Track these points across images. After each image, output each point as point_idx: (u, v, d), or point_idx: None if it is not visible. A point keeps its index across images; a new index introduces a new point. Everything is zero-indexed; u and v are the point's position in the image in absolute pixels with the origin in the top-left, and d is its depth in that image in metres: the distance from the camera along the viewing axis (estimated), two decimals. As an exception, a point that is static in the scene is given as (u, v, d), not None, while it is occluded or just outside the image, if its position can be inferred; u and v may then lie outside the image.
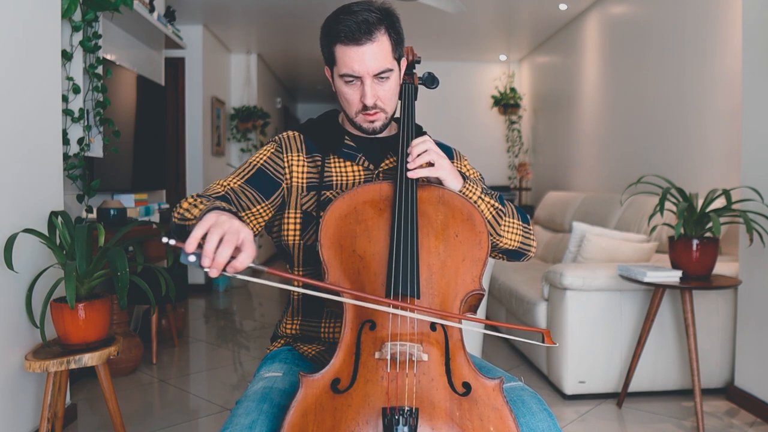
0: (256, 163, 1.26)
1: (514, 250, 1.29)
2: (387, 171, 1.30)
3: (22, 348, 2.16)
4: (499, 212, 1.24)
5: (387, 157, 1.31)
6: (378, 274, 1.08)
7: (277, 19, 5.58)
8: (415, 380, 0.98)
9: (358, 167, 1.29)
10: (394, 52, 1.21)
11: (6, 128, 2.07)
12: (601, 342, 2.74)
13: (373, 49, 1.17)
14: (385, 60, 1.19)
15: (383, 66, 1.18)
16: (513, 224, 1.27)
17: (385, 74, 1.20)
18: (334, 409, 0.96)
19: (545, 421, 1.08)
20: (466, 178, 1.22)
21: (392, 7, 1.23)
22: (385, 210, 1.13)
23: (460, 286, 1.09)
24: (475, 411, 0.98)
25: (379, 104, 1.22)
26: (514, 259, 1.33)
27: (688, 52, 3.62)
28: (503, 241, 1.26)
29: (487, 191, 1.24)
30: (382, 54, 1.18)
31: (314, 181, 1.28)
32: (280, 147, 1.29)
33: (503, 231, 1.25)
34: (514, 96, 7.10)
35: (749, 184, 2.57)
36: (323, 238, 1.10)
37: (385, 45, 1.19)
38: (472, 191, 1.21)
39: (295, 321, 1.32)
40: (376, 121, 1.24)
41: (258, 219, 1.24)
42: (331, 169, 1.28)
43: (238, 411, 1.06)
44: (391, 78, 1.22)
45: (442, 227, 1.12)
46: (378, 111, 1.23)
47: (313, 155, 1.30)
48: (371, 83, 1.19)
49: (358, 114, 1.24)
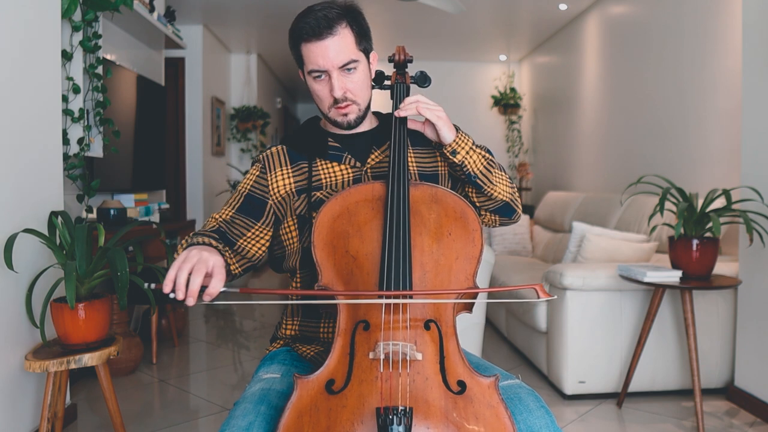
0: (243, 191, 1.31)
1: (507, 203, 1.30)
2: (376, 168, 1.30)
3: (22, 348, 2.16)
4: (490, 162, 1.27)
5: (372, 151, 1.32)
6: (371, 274, 1.08)
7: (277, 19, 5.58)
8: (409, 379, 0.98)
9: (346, 166, 1.30)
10: (359, 44, 1.24)
11: (6, 128, 2.07)
12: (601, 342, 2.74)
13: (336, 41, 1.20)
14: (348, 52, 1.21)
15: (347, 57, 1.21)
16: (502, 176, 1.29)
17: (350, 65, 1.22)
18: (329, 410, 0.96)
19: (543, 419, 1.08)
20: (458, 129, 1.24)
21: (355, 4, 1.26)
22: (378, 210, 1.13)
23: (454, 284, 1.09)
24: (470, 409, 0.98)
25: (349, 96, 1.24)
26: (506, 217, 1.34)
27: (688, 52, 3.62)
28: (497, 190, 1.27)
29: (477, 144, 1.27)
30: (345, 46, 1.21)
31: (303, 185, 1.29)
32: (264, 168, 1.32)
33: (496, 180, 1.27)
34: (514, 96, 7.10)
35: (749, 184, 2.57)
36: (316, 240, 1.11)
37: (348, 38, 1.21)
38: (464, 140, 1.23)
39: (294, 321, 1.33)
40: (349, 113, 1.26)
41: (259, 242, 1.29)
42: (320, 171, 1.29)
43: (236, 412, 1.06)
44: (359, 69, 1.24)
45: (435, 226, 1.12)
46: (349, 103, 1.25)
47: (298, 164, 1.31)
48: (338, 76, 1.22)
49: (330, 109, 1.26)
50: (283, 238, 1.32)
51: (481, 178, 1.25)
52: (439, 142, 1.24)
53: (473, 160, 1.23)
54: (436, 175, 1.33)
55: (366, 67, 1.27)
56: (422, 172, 1.32)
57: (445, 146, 1.22)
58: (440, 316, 1.06)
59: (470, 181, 1.25)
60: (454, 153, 1.22)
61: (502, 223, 1.35)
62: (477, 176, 1.24)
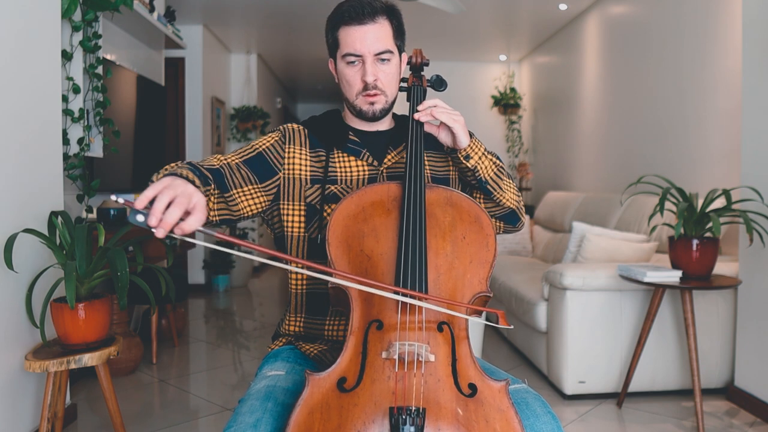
0: (257, 147, 1.27)
1: (513, 211, 1.32)
2: (392, 169, 1.31)
3: (22, 348, 2.16)
4: (500, 169, 1.28)
5: (389, 151, 1.32)
6: (386, 274, 1.08)
7: (277, 19, 5.58)
8: (422, 380, 0.99)
9: (362, 162, 1.30)
10: (396, 38, 1.26)
11: (6, 128, 2.07)
12: (601, 342, 2.74)
13: (375, 29, 1.22)
14: (386, 41, 1.23)
15: (384, 46, 1.22)
16: (510, 184, 1.31)
17: (385, 55, 1.23)
18: (340, 408, 0.96)
19: (549, 424, 1.09)
20: (472, 135, 1.25)
21: (397, 6, 1.28)
22: (393, 210, 1.13)
23: (467, 287, 1.10)
24: (480, 412, 0.99)
25: (379, 85, 1.25)
26: (510, 224, 1.35)
27: (688, 52, 3.62)
28: (506, 197, 1.29)
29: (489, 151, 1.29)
30: (384, 35, 1.23)
31: (318, 175, 1.28)
32: (283, 137, 1.30)
33: (505, 187, 1.29)
34: (514, 96, 7.10)
35: (749, 184, 2.57)
36: (331, 237, 1.10)
37: (387, 29, 1.24)
38: (478, 147, 1.24)
39: (298, 318, 1.32)
40: (377, 103, 1.26)
41: (249, 201, 1.22)
42: (336, 164, 1.29)
43: (242, 409, 1.06)
44: (392, 61, 1.25)
45: (450, 229, 1.13)
46: (378, 92, 1.25)
47: (317, 150, 1.30)
48: (372, 62, 1.23)
49: (358, 96, 1.26)
50: (285, 219, 1.28)
51: (491, 184, 1.26)
52: (453, 147, 1.24)
53: (485, 166, 1.24)
54: (447, 179, 1.33)
55: (398, 62, 1.28)
56: (435, 175, 1.32)
57: (460, 151, 1.22)
58: (453, 319, 1.07)
59: (481, 186, 1.26)
60: (468, 158, 1.22)
61: (506, 230, 1.36)
62: (488, 182, 1.25)
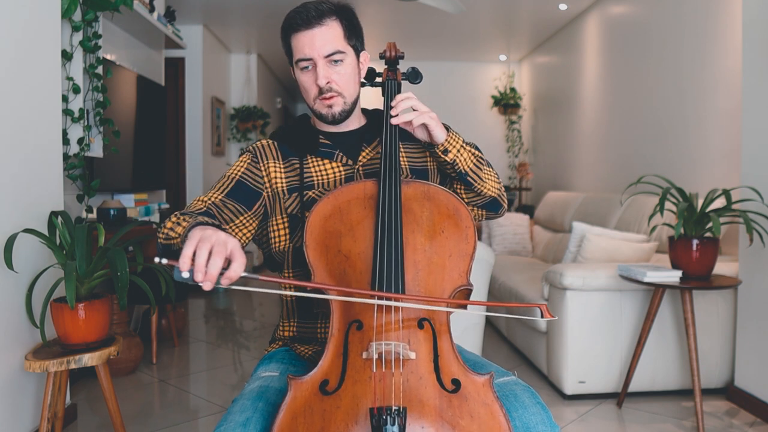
0: (234, 176, 1.27)
1: (494, 199, 1.32)
2: (367, 165, 1.30)
3: (22, 348, 2.16)
4: (479, 159, 1.28)
5: (362, 148, 1.32)
6: (363, 273, 1.07)
7: (277, 19, 5.56)
8: (402, 379, 0.98)
9: (337, 164, 1.30)
10: (348, 38, 1.25)
11: (6, 128, 2.07)
12: (601, 342, 2.74)
13: (323, 31, 1.22)
14: (336, 42, 1.23)
15: (334, 47, 1.22)
16: (491, 173, 1.31)
17: (337, 56, 1.23)
18: (323, 411, 0.96)
19: (538, 415, 1.08)
20: (449, 128, 1.25)
21: (348, 4, 1.28)
22: (370, 208, 1.12)
23: (447, 282, 1.09)
24: (465, 408, 0.98)
25: (334, 87, 1.24)
26: (492, 212, 1.36)
27: (688, 52, 3.62)
28: (486, 186, 1.29)
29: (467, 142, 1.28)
30: (333, 36, 1.22)
31: (295, 183, 1.28)
32: (255, 157, 1.30)
33: (485, 177, 1.29)
34: (514, 96, 7.10)
35: (749, 184, 2.57)
36: (308, 240, 1.10)
37: (336, 30, 1.23)
38: (455, 140, 1.24)
39: (291, 323, 1.33)
40: (334, 105, 1.26)
41: (243, 230, 1.25)
42: (310, 169, 1.29)
43: (234, 408, 1.07)
44: (345, 62, 1.24)
45: (428, 224, 1.12)
46: (334, 95, 1.25)
47: (289, 159, 1.30)
48: (324, 65, 1.23)
49: (316, 100, 1.26)
50: (271, 236, 1.29)
51: (471, 175, 1.26)
52: (430, 142, 1.24)
53: (464, 158, 1.24)
54: (425, 170, 1.33)
55: (354, 62, 1.27)
56: (413, 167, 1.32)
57: (437, 145, 1.23)
58: (433, 314, 1.06)
59: (461, 178, 1.26)
60: (446, 152, 1.23)
61: (488, 217, 1.37)
62: (468, 174, 1.25)
